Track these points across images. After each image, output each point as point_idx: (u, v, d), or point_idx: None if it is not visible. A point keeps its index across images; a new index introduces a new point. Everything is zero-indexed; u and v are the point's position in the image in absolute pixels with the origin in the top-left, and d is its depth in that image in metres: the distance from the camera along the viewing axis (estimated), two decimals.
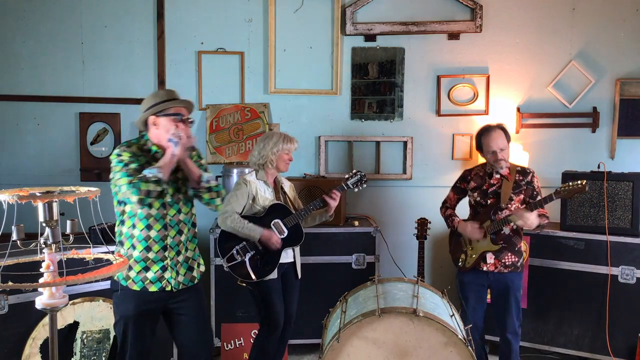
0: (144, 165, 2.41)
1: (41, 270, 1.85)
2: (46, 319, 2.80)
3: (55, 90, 4.24)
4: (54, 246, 1.85)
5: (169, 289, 2.48)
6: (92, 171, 4.25)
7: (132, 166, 2.39)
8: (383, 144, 4.40)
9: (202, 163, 2.65)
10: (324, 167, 4.37)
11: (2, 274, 1.85)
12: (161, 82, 4.26)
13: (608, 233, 3.59)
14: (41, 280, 1.80)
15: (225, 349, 3.75)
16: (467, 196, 3.35)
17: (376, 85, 4.37)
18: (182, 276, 2.53)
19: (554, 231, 3.76)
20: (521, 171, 3.20)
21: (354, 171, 3.26)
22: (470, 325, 2.80)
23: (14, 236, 1.84)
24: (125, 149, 2.48)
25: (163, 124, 2.48)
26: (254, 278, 3.03)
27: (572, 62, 4.29)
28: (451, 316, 2.61)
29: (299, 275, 3.26)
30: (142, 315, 2.47)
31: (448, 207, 3.42)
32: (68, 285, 1.92)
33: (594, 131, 4.33)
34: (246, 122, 4.29)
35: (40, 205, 1.82)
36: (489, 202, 3.19)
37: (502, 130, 3.14)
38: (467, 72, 4.36)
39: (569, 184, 2.95)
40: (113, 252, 2.14)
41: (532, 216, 2.97)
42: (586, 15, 4.29)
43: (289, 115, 4.37)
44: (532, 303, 3.74)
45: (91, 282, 2.51)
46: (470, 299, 3.22)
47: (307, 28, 4.31)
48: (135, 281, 2.45)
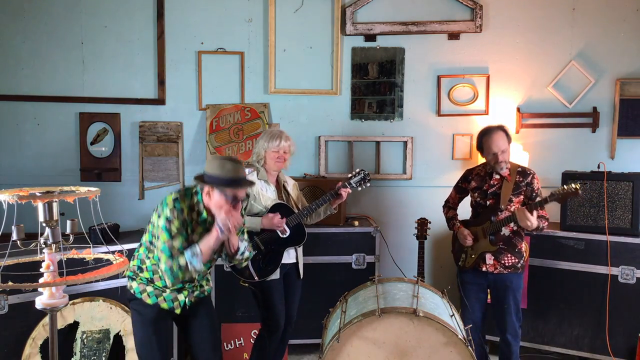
0: (190, 237, 2.38)
1: (41, 270, 1.85)
2: (46, 319, 2.81)
3: (55, 90, 4.24)
4: (54, 246, 1.85)
5: (178, 312, 2.54)
6: (92, 171, 4.25)
7: (177, 246, 2.34)
8: (383, 144, 4.40)
9: (243, 222, 2.65)
10: (324, 167, 4.37)
11: (2, 274, 1.85)
12: (161, 82, 4.26)
13: (608, 233, 3.59)
14: (41, 280, 1.81)
15: (226, 349, 3.75)
16: (469, 196, 3.36)
17: (376, 85, 4.37)
18: (194, 295, 2.60)
19: (554, 231, 3.76)
20: (521, 172, 3.20)
21: (357, 170, 3.26)
22: (471, 325, 2.80)
23: (14, 236, 1.84)
24: (178, 213, 2.36)
25: (216, 199, 2.39)
26: (256, 278, 3.03)
27: (572, 62, 4.29)
28: (451, 316, 2.61)
29: (301, 275, 3.26)
30: (159, 319, 2.53)
31: (450, 207, 3.44)
32: (68, 285, 1.92)
33: (594, 131, 4.33)
34: (246, 122, 4.29)
35: (40, 205, 1.82)
36: (488, 203, 3.20)
37: (504, 131, 3.15)
38: (467, 72, 4.36)
39: (564, 187, 2.95)
40: (114, 252, 2.14)
41: (532, 217, 2.97)
42: (586, 15, 4.29)
43: (289, 115, 4.37)
44: (532, 303, 3.74)
45: (91, 282, 2.51)
46: (470, 298, 3.24)
47: (307, 28, 4.31)
48: (150, 295, 2.50)
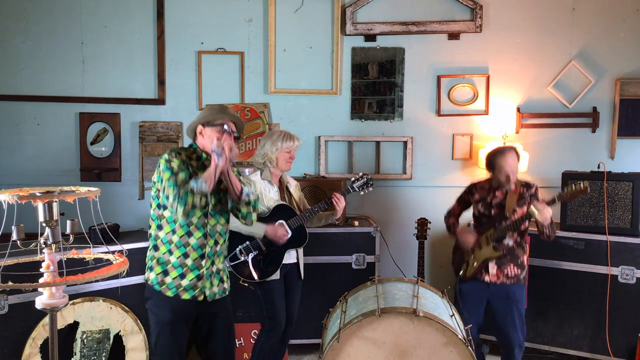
0: (192, 175, 2.43)
1: (41, 270, 1.85)
2: (46, 319, 2.81)
3: (55, 90, 4.24)
4: (54, 246, 1.85)
5: (201, 299, 2.52)
6: (92, 171, 4.25)
7: (181, 176, 2.40)
8: (383, 144, 4.40)
9: (241, 179, 2.65)
10: (324, 167, 4.37)
11: (2, 274, 1.85)
12: (161, 82, 4.26)
13: (608, 233, 3.59)
14: (41, 280, 1.80)
15: None
16: (472, 208, 3.36)
17: (376, 85, 4.37)
18: (216, 287, 2.58)
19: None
20: (525, 185, 3.23)
21: (360, 174, 3.26)
22: (470, 326, 2.80)
23: (14, 236, 1.84)
24: (176, 155, 2.47)
25: (208, 133, 2.53)
26: (256, 278, 3.03)
27: (572, 62, 4.29)
28: (451, 316, 2.61)
29: (302, 276, 3.26)
30: (177, 321, 2.51)
31: (452, 215, 3.44)
32: (68, 285, 1.92)
33: (594, 131, 4.33)
34: (246, 122, 4.29)
35: (40, 205, 1.82)
36: (492, 212, 3.21)
37: (516, 153, 3.18)
38: (467, 72, 4.36)
39: (572, 186, 2.97)
40: (114, 252, 2.14)
41: (547, 207, 2.99)
42: (586, 15, 4.29)
43: (289, 115, 4.37)
44: (532, 303, 3.74)
45: (91, 282, 2.50)
46: (466, 310, 3.16)
47: (307, 28, 4.31)
48: (169, 287, 2.48)
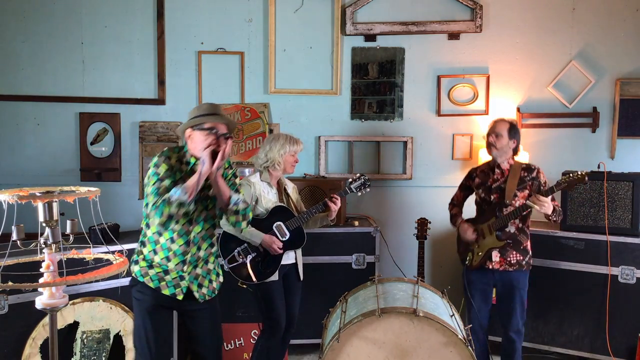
0: (179, 182, 2.38)
1: (41, 270, 1.85)
2: (46, 319, 2.81)
3: (55, 90, 4.24)
4: (54, 246, 1.85)
5: (180, 298, 2.49)
6: (92, 171, 4.25)
7: (165, 183, 2.35)
8: (383, 144, 4.40)
9: (236, 182, 2.62)
10: (324, 167, 4.37)
11: (2, 274, 1.85)
12: (161, 82, 4.26)
13: (608, 233, 3.58)
14: (41, 280, 1.80)
15: (226, 349, 3.75)
16: (474, 194, 3.37)
17: (376, 85, 4.37)
18: (206, 288, 2.57)
19: (554, 231, 3.76)
20: (526, 168, 3.23)
21: (357, 175, 3.26)
22: (470, 326, 2.80)
23: (14, 236, 1.84)
24: (165, 159, 2.40)
25: (197, 137, 2.41)
26: (255, 280, 3.03)
27: (572, 62, 4.29)
28: (451, 316, 2.61)
29: (301, 277, 3.26)
30: (159, 307, 2.50)
31: (455, 205, 3.46)
32: (68, 285, 1.92)
33: (594, 131, 4.33)
34: (246, 122, 4.29)
35: (40, 205, 1.82)
36: (492, 198, 3.21)
37: (508, 122, 3.22)
38: (467, 72, 4.36)
39: (570, 174, 3.01)
40: (114, 252, 2.14)
41: (544, 199, 3.00)
42: (586, 15, 4.29)
43: (289, 115, 4.37)
44: (532, 303, 3.73)
45: (91, 282, 2.51)
46: (476, 298, 3.24)
47: (307, 28, 4.31)
48: (152, 279, 2.47)
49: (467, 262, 3.28)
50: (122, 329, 3.24)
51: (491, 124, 3.27)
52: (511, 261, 3.17)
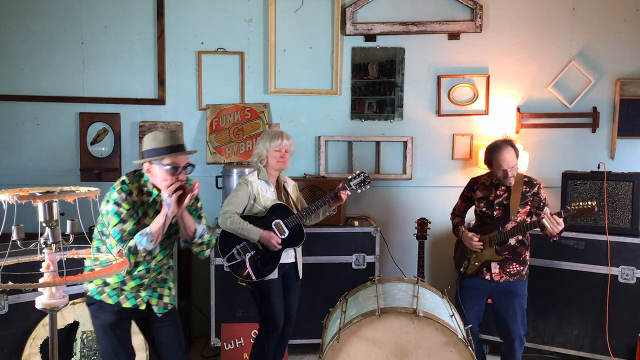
0: (142, 218, 2.32)
1: (41, 270, 1.85)
2: (46, 319, 2.81)
3: (55, 90, 4.24)
4: (54, 246, 1.84)
5: (143, 308, 2.46)
6: (92, 171, 4.25)
7: (127, 227, 2.28)
8: (383, 144, 4.40)
9: (199, 207, 2.56)
10: (324, 167, 4.37)
11: (2, 274, 1.84)
12: (161, 82, 4.26)
13: (608, 233, 3.59)
14: (41, 280, 1.80)
15: (226, 349, 3.75)
16: (473, 205, 3.35)
17: (376, 85, 4.37)
18: (167, 297, 2.54)
19: None
20: (528, 182, 3.19)
21: (357, 172, 3.24)
22: (470, 326, 2.80)
23: (14, 236, 1.83)
24: (125, 197, 2.30)
25: (157, 172, 2.33)
26: (253, 278, 3.03)
27: (572, 62, 4.29)
28: (451, 316, 2.61)
29: (300, 275, 3.26)
30: (120, 323, 2.45)
31: (457, 215, 3.43)
32: (68, 285, 1.91)
33: (594, 131, 4.33)
34: (246, 122, 4.29)
35: (40, 205, 1.82)
36: (495, 213, 3.19)
37: (512, 147, 3.13)
38: (467, 72, 4.36)
39: (579, 203, 2.94)
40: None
41: (560, 220, 2.94)
42: (586, 15, 4.29)
43: (289, 115, 4.37)
44: (532, 303, 3.73)
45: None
46: (467, 303, 3.20)
47: (307, 28, 4.31)
48: (110, 295, 2.42)
49: (462, 270, 3.27)
50: None
51: (499, 155, 3.09)
52: (511, 272, 3.16)
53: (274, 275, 3.09)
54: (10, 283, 1.77)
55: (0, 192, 1.80)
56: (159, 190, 2.35)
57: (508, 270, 3.15)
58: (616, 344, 3.57)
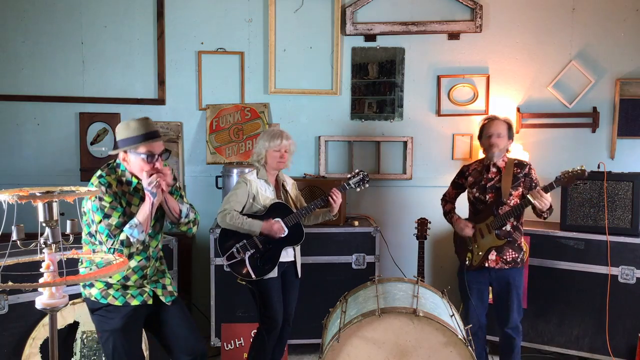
0: (126, 208, 2.32)
1: (41, 270, 1.85)
2: (46, 319, 2.81)
3: (55, 90, 4.24)
4: (54, 246, 1.84)
5: (150, 302, 2.46)
6: (92, 171, 4.22)
7: (113, 221, 2.27)
8: (383, 144, 4.40)
9: (178, 187, 2.56)
10: (324, 167, 4.37)
11: (2, 274, 1.84)
12: (161, 82, 4.26)
13: (608, 233, 3.58)
14: (41, 280, 1.80)
15: (225, 349, 3.75)
16: (466, 192, 3.36)
17: (376, 85, 4.37)
18: (169, 285, 2.57)
19: (554, 231, 3.76)
20: (518, 164, 3.23)
21: (356, 171, 3.25)
22: (470, 326, 2.80)
23: (14, 236, 1.84)
24: (105, 189, 2.29)
25: (133, 160, 2.33)
26: (253, 276, 3.03)
27: (572, 62, 4.29)
28: (451, 316, 2.61)
29: (299, 274, 3.26)
30: (130, 326, 2.43)
31: (447, 201, 3.47)
32: (68, 285, 1.92)
33: (594, 131, 4.33)
34: (246, 122, 4.29)
35: (40, 205, 1.82)
36: (487, 198, 3.21)
37: (505, 122, 3.21)
38: (467, 72, 4.36)
39: (569, 170, 3.01)
40: (113, 252, 2.14)
41: (546, 195, 2.99)
42: (586, 15, 4.29)
43: (289, 115, 4.37)
44: (532, 303, 3.74)
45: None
46: (473, 297, 3.24)
47: (307, 28, 4.31)
48: (115, 297, 2.40)
49: (468, 262, 3.28)
50: None
51: (488, 123, 3.22)
52: (507, 259, 3.17)
53: (274, 273, 3.09)
54: (10, 283, 1.77)
55: (0, 192, 1.80)
56: (139, 178, 2.35)
57: (504, 257, 3.17)
58: (616, 344, 3.57)
